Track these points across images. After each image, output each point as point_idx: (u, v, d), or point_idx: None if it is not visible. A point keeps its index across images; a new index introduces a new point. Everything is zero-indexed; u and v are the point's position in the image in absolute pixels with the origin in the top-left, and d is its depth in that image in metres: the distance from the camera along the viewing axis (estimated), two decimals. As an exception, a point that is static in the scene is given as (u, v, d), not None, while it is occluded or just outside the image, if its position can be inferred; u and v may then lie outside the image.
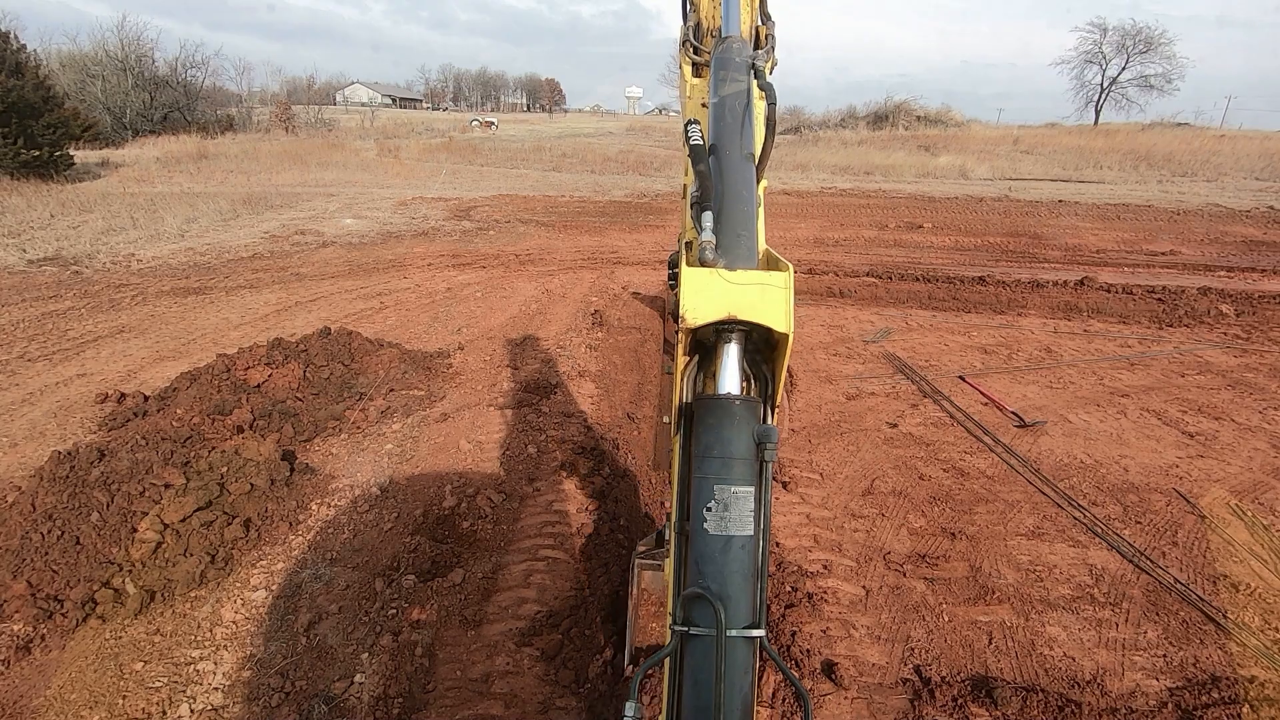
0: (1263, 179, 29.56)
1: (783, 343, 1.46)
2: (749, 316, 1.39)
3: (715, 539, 1.36)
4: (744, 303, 1.40)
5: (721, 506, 1.36)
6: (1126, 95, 61.87)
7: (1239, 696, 3.41)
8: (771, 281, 1.42)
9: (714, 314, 1.37)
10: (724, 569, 1.34)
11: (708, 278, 1.40)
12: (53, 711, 3.27)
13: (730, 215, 1.61)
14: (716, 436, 1.40)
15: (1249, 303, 10.67)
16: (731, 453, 1.39)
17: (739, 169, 1.79)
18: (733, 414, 1.42)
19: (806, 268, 12.78)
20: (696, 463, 1.42)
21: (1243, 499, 5.21)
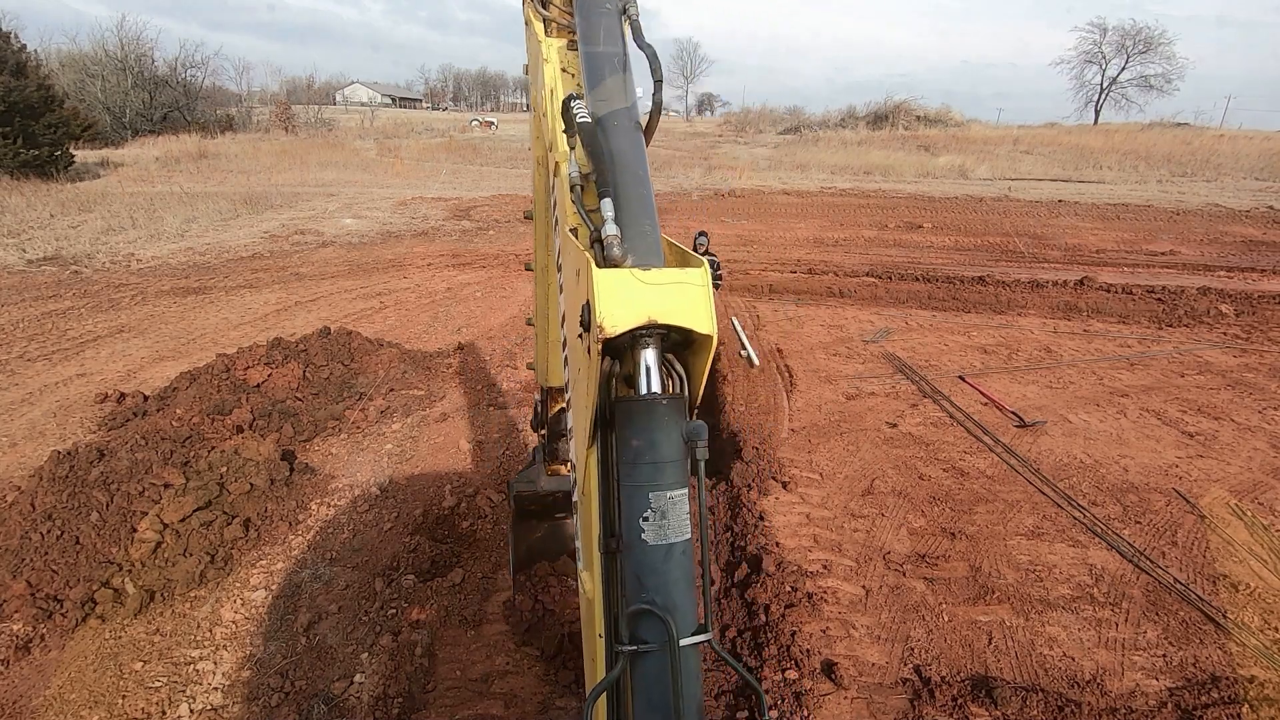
0: (1262, 179, 29.57)
1: (705, 344, 1.36)
2: (671, 320, 1.29)
3: (656, 549, 1.29)
4: (664, 306, 1.28)
5: (659, 514, 1.29)
6: (1126, 95, 61.99)
7: (1239, 696, 3.41)
8: (690, 280, 1.32)
9: (633, 320, 1.25)
10: (668, 578, 1.29)
11: (623, 280, 1.27)
12: (52, 711, 3.27)
13: (630, 203, 1.47)
14: (646, 441, 1.31)
15: (1248, 303, 10.67)
16: (663, 456, 1.31)
17: (630, 143, 1.61)
18: (660, 415, 1.33)
19: (806, 268, 12.78)
20: (626, 471, 1.31)
21: (1242, 499, 5.21)
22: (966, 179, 29.21)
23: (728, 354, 8.24)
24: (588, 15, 1.87)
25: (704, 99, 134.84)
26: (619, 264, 1.34)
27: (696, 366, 1.41)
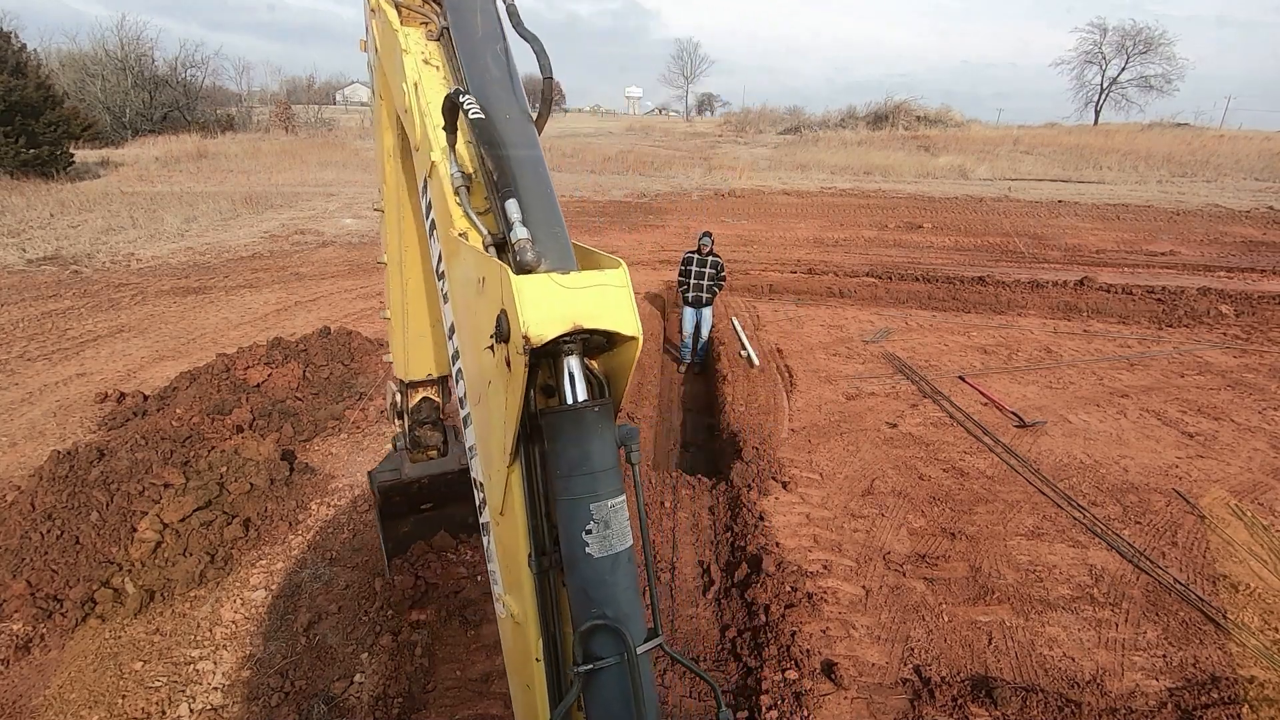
0: (1262, 179, 29.57)
1: (630, 346, 1.31)
2: (598, 324, 1.24)
3: (602, 561, 1.25)
4: (587, 310, 1.23)
5: (602, 525, 1.25)
6: (1126, 95, 61.95)
7: (1238, 696, 3.41)
8: (610, 282, 1.28)
9: (560, 327, 1.19)
10: (616, 589, 1.26)
11: (544, 286, 1.20)
12: (52, 711, 3.27)
13: (536, 204, 1.40)
14: (581, 452, 1.26)
15: (1248, 303, 10.67)
16: (600, 465, 1.27)
17: (527, 140, 1.52)
18: (592, 423, 1.28)
19: (806, 268, 12.78)
20: (561, 484, 1.26)
21: (1242, 499, 5.21)
22: (966, 179, 29.22)
23: (728, 354, 8.24)
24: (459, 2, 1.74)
25: (704, 99, 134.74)
26: (534, 269, 1.27)
27: (620, 369, 1.37)
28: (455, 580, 4.07)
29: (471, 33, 1.70)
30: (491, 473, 1.45)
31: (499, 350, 1.26)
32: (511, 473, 1.35)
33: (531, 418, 1.30)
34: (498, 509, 1.45)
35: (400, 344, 3.32)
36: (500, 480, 1.38)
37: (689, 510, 5.15)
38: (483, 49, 1.67)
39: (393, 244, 2.99)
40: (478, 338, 1.37)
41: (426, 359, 3.36)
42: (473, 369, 1.48)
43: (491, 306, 1.27)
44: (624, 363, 1.36)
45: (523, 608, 1.41)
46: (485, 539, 1.62)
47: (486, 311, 1.30)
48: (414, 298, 3.09)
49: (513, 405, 1.25)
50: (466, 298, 1.46)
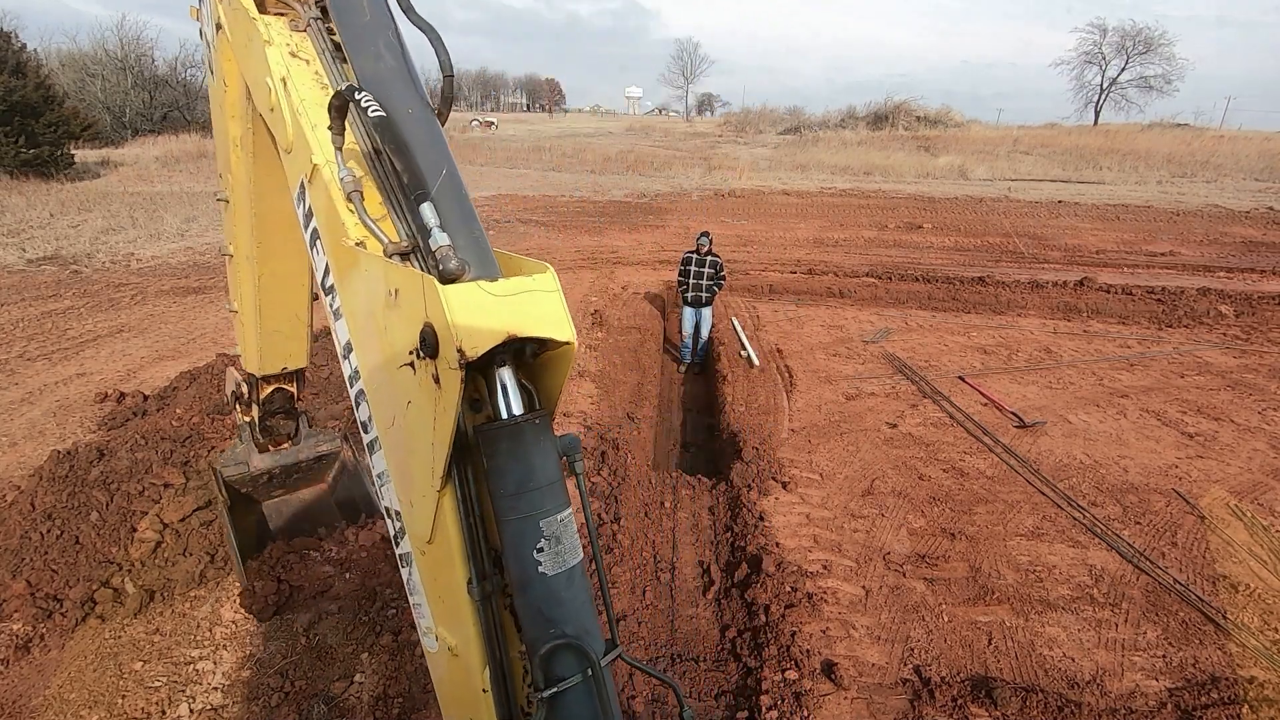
0: (1262, 179, 29.59)
1: (565, 352, 1.26)
2: (533, 332, 1.18)
3: (557, 578, 1.20)
4: (521, 318, 1.17)
5: (554, 541, 1.20)
6: (1126, 96, 61.98)
7: (1238, 697, 3.41)
8: (540, 287, 1.22)
9: (494, 337, 1.13)
10: (574, 605, 1.21)
11: (473, 295, 1.13)
12: (52, 710, 3.26)
13: (453, 207, 1.32)
14: (526, 467, 1.20)
15: (1248, 303, 10.68)
16: (545, 479, 1.22)
17: (434, 138, 1.42)
18: (533, 437, 1.23)
19: (806, 268, 12.79)
20: (506, 504, 1.20)
21: (1242, 499, 5.21)
22: (966, 179, 29.23)
23: (728, 354, 8.24)
24: None
25: (704, 99, 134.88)
26: (459, 278, 1.20)
27: (555, 376, 1.32)
28: (321, 580, 3.93)
29: (357, 19, 1.53)
30: (415, 499, 1.33)
31: (423, 367, 1.17)
32: (443, 496, 1.26)
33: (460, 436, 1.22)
34: (424, 537, 1.33)
35: (252, 339, 3.19)
36: (428, 506, 1.28)
37: (689, 510, 5.15)
38: (373, 37, 1.51)
39: (241, 238, 2.82)
40: (390, 356, 1.27)
41: (281, 354, 3.27)
42: (383, 390, 1.36)
43: (410, 320, 1.18)
44: (559, 369, 1.31)
45: (462, 638, 1.33)
46: (405, 571, 1.48)
47: (402, 326, 1.21)
48: (269, 293, 2.96)
49: (444, 424, 1.16)
50: (372, 313, 1.33)
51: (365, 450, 1.51)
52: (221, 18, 2.01)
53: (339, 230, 1.41)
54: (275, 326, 3.15)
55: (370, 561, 4.01)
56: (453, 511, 1.26)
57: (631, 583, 4.24)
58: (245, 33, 1.81)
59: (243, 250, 2.89)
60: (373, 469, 1.49)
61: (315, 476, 4.22)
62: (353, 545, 4.07)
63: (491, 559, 1.28)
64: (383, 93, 1.42)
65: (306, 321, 3.27)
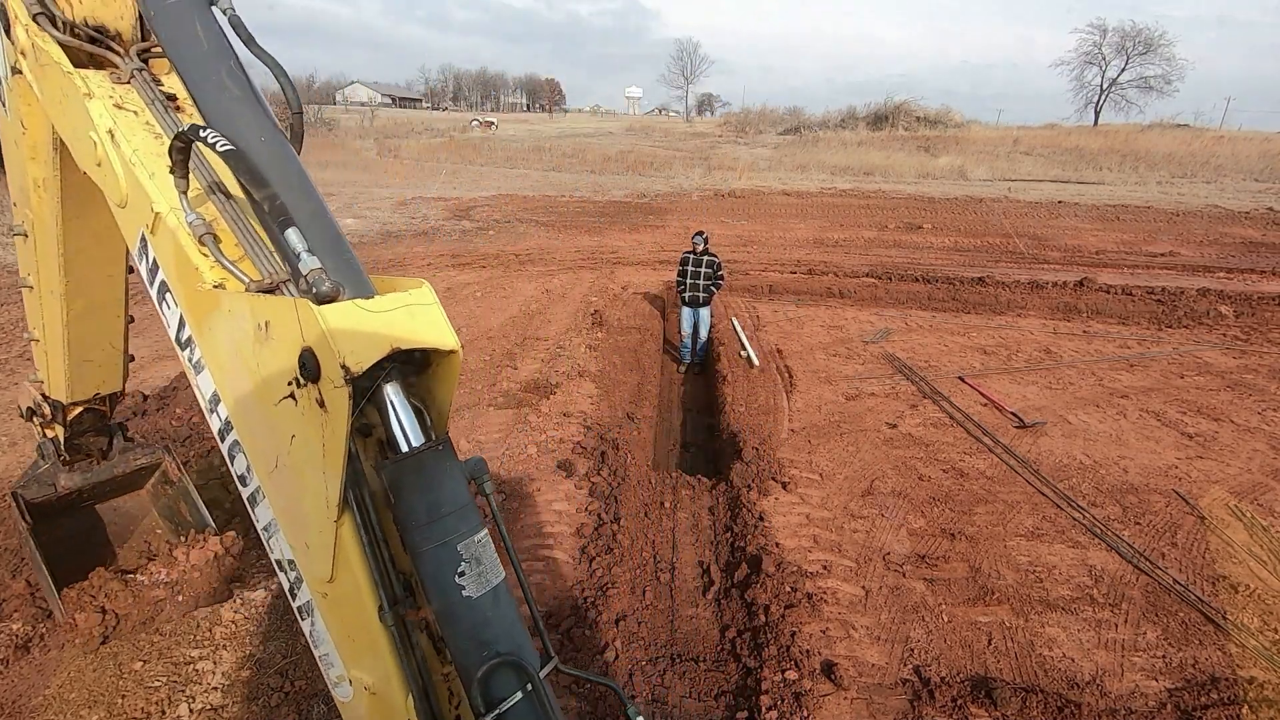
0: (1262, 180, 29.61)
1: (450, 362, 1.26)
2: (416, 343, 1.17)
3: (482, 599, 1.19)
4: (403, 331, 1.16)
5: (474, 563, 1.20)
6: (1126, 96, 62.04)
7: (1238, 697, 3.41)
8: (418, 300, 1.22)
9: (378, 350, 1.11)
10: (503, 621, 1.21)
11: (350, 312, 1.12)
12: (52, 710, 3.26)
13: (316, 230, 1.28)
14: (435, 495, 1.20)
15: (1248, 304, 10.68)
16: (456, 503, 1.22)
17: (287, 160, 1.38)
18: (437, 464, 1.23)
19: (806, 268, 12.79)
20: (420, 535, 1.18)
21: (1242, 500, 5.22)
22: (966, 180, 29.24)
23: (728, 354, 8.25)
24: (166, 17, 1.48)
25: (704, 99, 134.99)
26: (334, 299, 1.17)
27: (444, 389, 1.31)
28: (151, 605, 3.67)
29: (195, 50, 1.45)
30: (311, 539, 1.27)
31: (306, 394, 1.14)
32: (341, 526, 1.20)
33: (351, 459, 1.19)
34: (325, 577, 1.27)
35: (59, 368, 3.03)
36: (326, 541, 1.22)
37: (689, 510, 5.15)
38: (214, 67, 1.44)
39: (46, 272, 2.66)
40: (267, 393, 1.23)
41: (93, 382, 3.14)
42: (261, 434, 1.31)
43: (286, 349, 1.15)
44: (447, 381, 1.29)
45: (380, 673, 1.28)
46: (306, 624, 1.40)
47: (277, 358, 1.18)
48: (80, 326, 2.86)
49: (335, 449, 1.12)
50: (239, 354, 1.28)
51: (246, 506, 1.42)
52: (23, 65, 1.82)
53: (192, 277, 1.35)
54: (87, 357, 3.01)
55: (204, 581, 3.75)
56: (354, 540, 1.21)
57: (631, 583, 4.24)
58: (59, 88, 1.66)
59: (47, 284, 2.69)
60: (257, 524, 1.41)
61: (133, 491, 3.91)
62: (184, 565, 3.75)
63: (401, 583, 1.25)
64: (230, 124, 1.36)
65: (122, 348, 3.14)
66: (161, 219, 1.41)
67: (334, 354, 1.06)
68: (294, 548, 1.34)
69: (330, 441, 1.12)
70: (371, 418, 1.26)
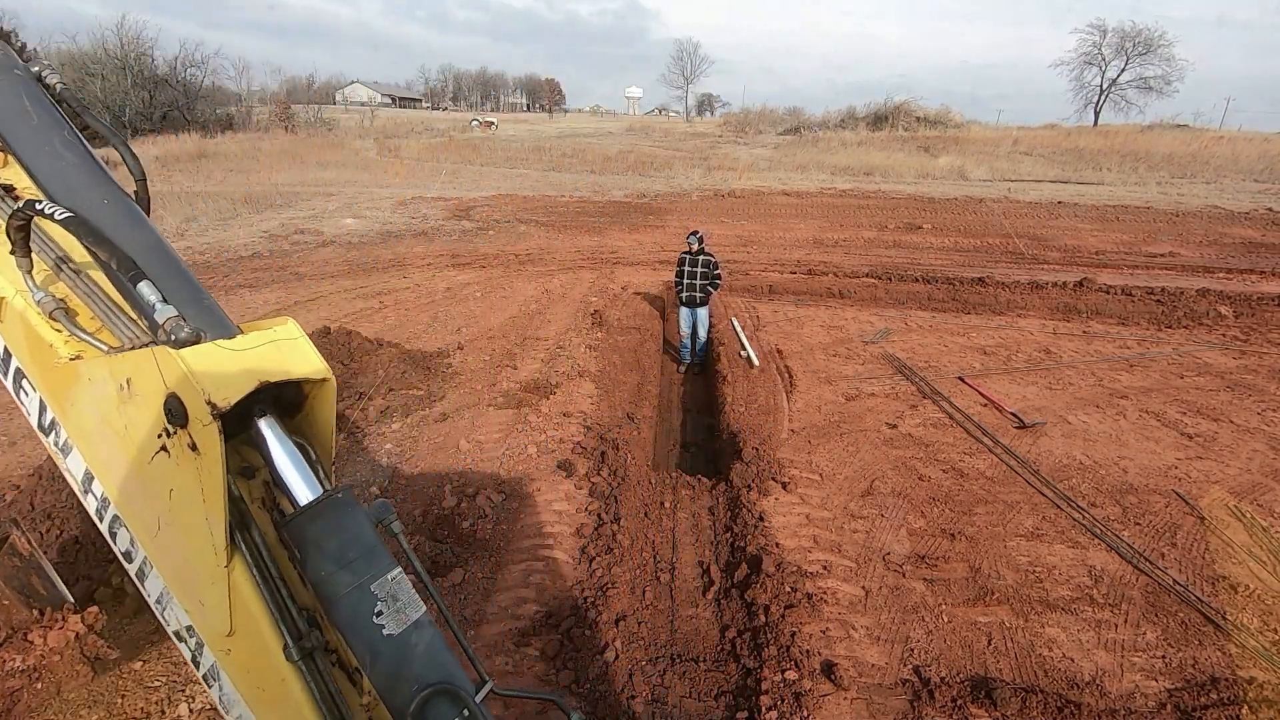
0: (1262, 181, 29.61)
1: (325, 390, 1.24)
2: (285, 375, 1.16)
3: (405, 634, 1.18)
4: (270, 365, 1.15)
5: (390, 600, 1.19)
6: (1126, 97, 62.08)
7: (1238, 697, 3.41)
8: (283, 335, 1.21)
9: (243, 387, 1.09)
10: (429, 652, 1.20)
11: (212, 353, 1.11)
12: (51, 710, 3.26)
13: (170, 280, 1.26)
14: (341, 541, 1.18)
15: (1248, 304, 10.68)
16: (364, 546, 1.20)
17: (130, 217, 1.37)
18: (343, 510, 1.20)
19: (806, 268, 12.79)
20: (331, 583, 1.16)
21: (1241, 500, 5.22)
22: (966, 180, 29.24)
23: (727, 354, 8.25)
24: None
25: (704, 99, 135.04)
26: (197, 343, 1.16)
27: (323, 421, 1.29)
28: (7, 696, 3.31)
29: (24, 125, 1.44)
30: (204, 594, 1.23)
31: (177, 441, 1.12)
32: (233, 571, 1.17)
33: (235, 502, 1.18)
34: (225, 630, 1.23)
35: None
36: (220, 591, 1.19)
37: (689, 511, 5.15)
38: (47, 137, 1.43)
39: None
40: (138, 453, 1.20)
41: None
42: (138, 499, 1.28)
43: (151, 401, 1.13)
44: (326, 414, 1.27)
45: (297, 715, 1.24)
46: (215, 688, 1.33)
47: (143, 415, 1.15)
48: None
49: (214, 490, 1.09)
50: (106, 420, 1.25)
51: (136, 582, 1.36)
52: None
53: (47, 355, 1.32)
54: None
55: (67, 664, 3.43)
56: (248, 582, 1.18)
57: (631, 583, 4.24)
58: None
59: None
60: (149, 598, 1.36)
61: None
62: (41, 649, 3.44)
63: (305, 619, 1.23)
64: (71, 193, 1.34)
65: None
66: (7, 303, 1.37)
67: (198, 393, 1.04)
68: (189, 610, 1.29)
69: (208, 483, 1.10)
70: (254, 460, 1.24)
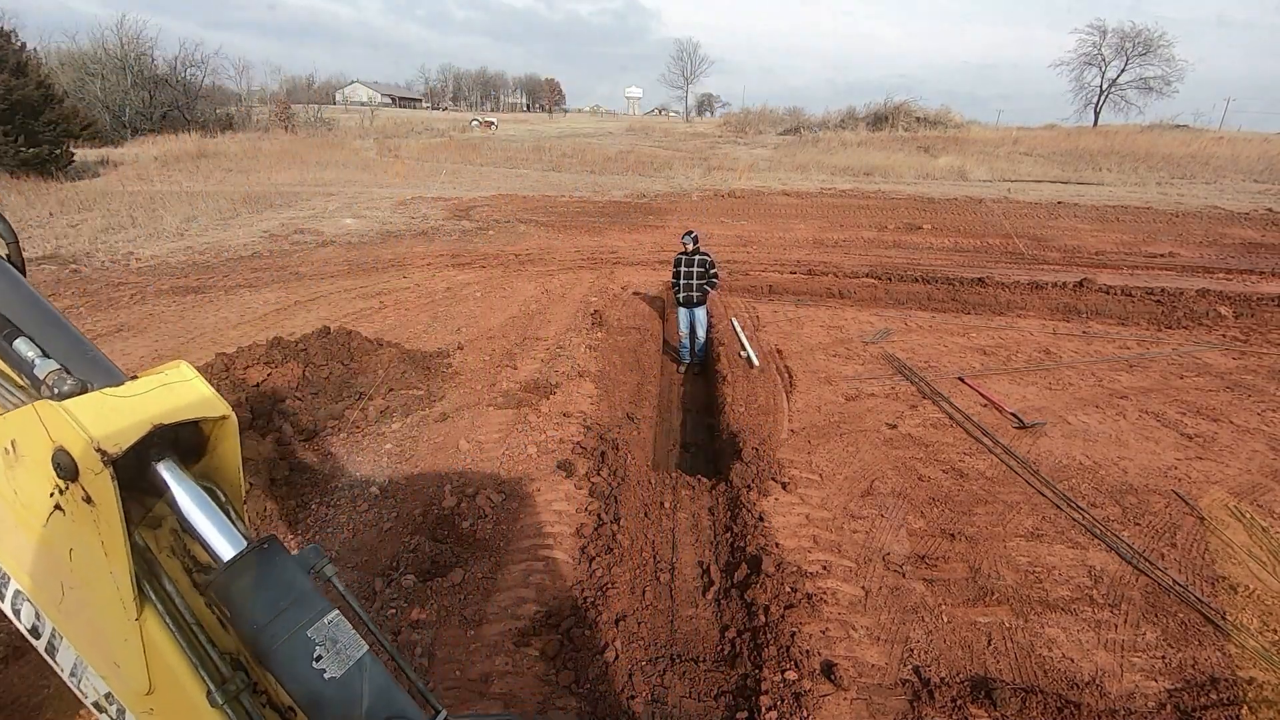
0: (1261, 181, 29.62)
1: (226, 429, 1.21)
2: (180, 417, 1.12)
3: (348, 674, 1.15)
4: (163, 407, 1.11)
5: (330, 644, 1.15)
6: (1125, 97, 62.15)
7: (1238, 698, 3.41)
8: (175, 378, 1.17)
9: (135, 430, 1.06)
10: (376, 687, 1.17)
11: (100, 401, 1.07)
12: (52, 709, 3.26)
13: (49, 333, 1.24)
14: (271, 593, 1.15)
15: (1247, 305, 10.69)
16: (297, 592, 1.16)
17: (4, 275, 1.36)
18: (269, 560, 1.16)
19: (806, 268, 12.79)
20: (265, 636, 1.12)
21: (1241, 501, 5.22)
22: (966, 180, 29.25)
23: (727, 354, 8.25)
24: None
25: (704, 99, 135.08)
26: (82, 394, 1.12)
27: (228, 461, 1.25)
28: None
29: None
30: (118, 654, 1.18)
31: (70, 496, 1.07)
32: (145, 623, 1.11)
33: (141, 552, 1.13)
34: (144, 689, 1.18)
35: None
36: (134, 648, 1.13)
37: (689, 511, 5.15)
38: None
39: None
40: (33, 518, 1.14)
41: None
42: (40, 567, 1.22)
43: (38, 461, 1.08)
44: (229, 452, 1.24)
45: None
46: None
47: (32, 475, 1.10)
48: None
49: (114, 541, 1.04)
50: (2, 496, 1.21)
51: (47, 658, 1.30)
52: None
53: None
54: None
55: None
56: (162, 632, 1.13)
57: (631, 583, 4.24)
58: None
59: None
60: (63, 673, 1.30)
61: None
62: None
63: (229, 663, 1.19)
64: None
65: None
66: None
67: (87, 442, 1.01)
68: (105, 675, 1.23)
69: (108, 535, 1.05)
70: (159, 509, 1.21)
